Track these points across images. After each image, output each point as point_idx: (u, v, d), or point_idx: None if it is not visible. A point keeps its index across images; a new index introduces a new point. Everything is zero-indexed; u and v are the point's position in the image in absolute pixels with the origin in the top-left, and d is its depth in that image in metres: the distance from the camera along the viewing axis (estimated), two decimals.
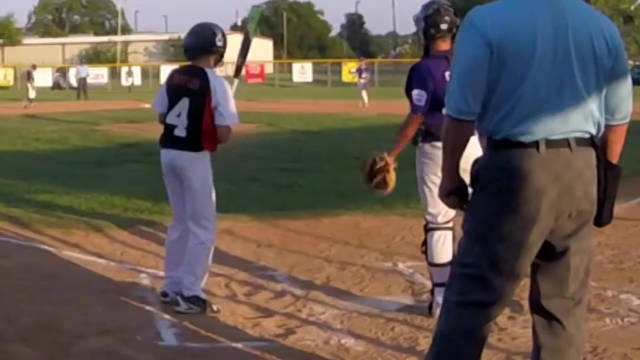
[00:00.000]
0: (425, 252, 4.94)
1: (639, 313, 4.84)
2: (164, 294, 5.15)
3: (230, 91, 5.09)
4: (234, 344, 4.40)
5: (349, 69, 53.86)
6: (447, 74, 4.17)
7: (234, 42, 5.28)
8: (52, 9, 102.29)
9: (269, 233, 7.24)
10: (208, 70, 5.02)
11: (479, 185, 2.96)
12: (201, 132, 4.98)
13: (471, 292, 2.94)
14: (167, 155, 5.11)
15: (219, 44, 5.06)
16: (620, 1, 63.54)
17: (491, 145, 2.93)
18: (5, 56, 74.68)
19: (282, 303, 5.18)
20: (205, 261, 5.04)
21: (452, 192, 3.06)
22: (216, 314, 4.93)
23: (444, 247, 4.82)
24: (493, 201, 2.89)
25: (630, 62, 63.85)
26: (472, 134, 3.04)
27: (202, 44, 5.07)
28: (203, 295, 5.00)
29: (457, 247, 3.17)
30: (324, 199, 9.03)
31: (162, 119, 5.16)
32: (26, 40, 79.42)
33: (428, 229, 4.89)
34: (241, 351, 4.32)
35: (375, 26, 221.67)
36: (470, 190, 3.06)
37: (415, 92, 4.70)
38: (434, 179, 4.60)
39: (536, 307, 3.06)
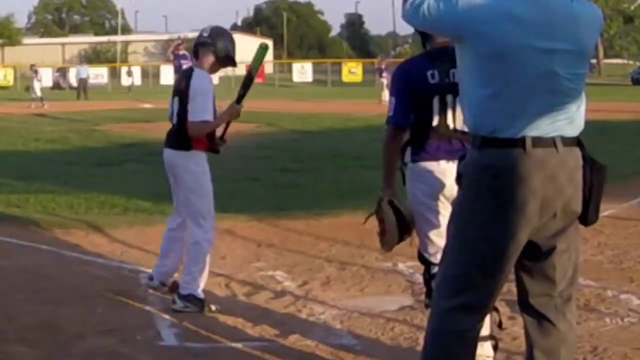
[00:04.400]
0: None
1: (639, 313, 4.84)
2: (151, 277, 5.47)
3: (209, 90, 5.07)
4: (234, 344, 4.40)
5: (349, 69, 53.95)
6: (429, 73, 3.72)
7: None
8: (52, 9, 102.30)
9: (269, 233, 7.24)
10: (196, 70, 5.12)
11: (464, 184, 2.92)
12: (187, 131, 5.06)
13: (459, 294, 2.91)
14: (164, 153, 5.27)
15: (205, 34, 5.17)
16: (620, 1, 63.55)
17: (477, 142, 2.89)
18: (5, 56, 74.63)
19: (282, 303, 5.18)
20: (201, 261, 5.05)
21: None
22: (216, 314, 4.93)
23: None
24: (481, 202, 2.86)
25: (630, 62, 63.91)
26: None
27: (195, 41, 5.25)
28: (200, 295, 5.00)
29: (443, 248, 3.10)
30: (324, 199, 9.02)
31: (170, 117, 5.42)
32: (26, 40, 79.36)
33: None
34: (241, 351, 4.32)
35: (375, 26, 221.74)
36: (456, 188, 3.04)
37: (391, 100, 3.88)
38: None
39: (525, 306, 3.05)
